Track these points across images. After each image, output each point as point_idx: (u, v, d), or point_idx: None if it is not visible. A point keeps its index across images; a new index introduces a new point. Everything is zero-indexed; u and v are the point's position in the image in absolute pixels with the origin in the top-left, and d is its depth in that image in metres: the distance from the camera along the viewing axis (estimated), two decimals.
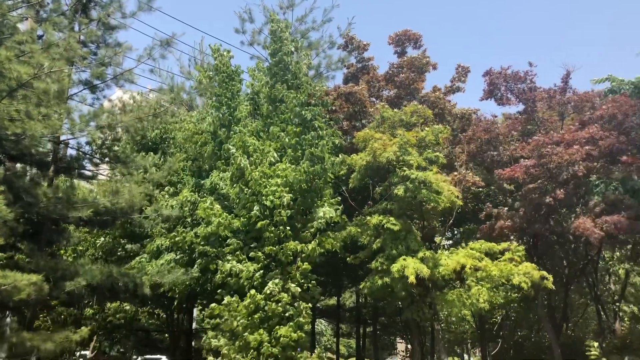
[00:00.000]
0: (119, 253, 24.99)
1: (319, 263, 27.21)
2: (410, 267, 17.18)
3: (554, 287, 18.17)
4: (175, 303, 24.05)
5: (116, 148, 19.62)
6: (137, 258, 22.29)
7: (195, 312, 31.64)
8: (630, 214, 18.01)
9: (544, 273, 17.86)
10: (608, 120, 20.22)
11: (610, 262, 29.22)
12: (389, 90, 23.86)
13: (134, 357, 33.60)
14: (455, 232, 25.89)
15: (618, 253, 27.99)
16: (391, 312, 28.56)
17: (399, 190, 17.72)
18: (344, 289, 34.00)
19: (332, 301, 37.90)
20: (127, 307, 28.94)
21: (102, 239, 25.07)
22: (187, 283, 20.17)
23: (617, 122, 20.04)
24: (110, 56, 18.12)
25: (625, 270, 28.29)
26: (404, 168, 17.87)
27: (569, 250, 22.08)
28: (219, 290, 19.50)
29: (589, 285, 25.98)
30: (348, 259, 19.78)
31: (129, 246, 24.91)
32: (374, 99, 24.02)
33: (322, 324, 61.77)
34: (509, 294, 25.57)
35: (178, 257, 20.87)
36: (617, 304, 27.64)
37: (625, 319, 29.79)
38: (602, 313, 26.39)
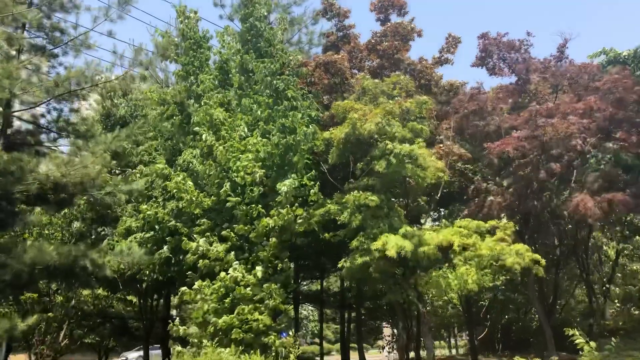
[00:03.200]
0: (92, 237, 23.92)
1: (299, 245, 26.05)
2: (392, 242, 15.83)
3: (544, 274, 16.88)
4: (144, 287, 22.67)
5: (74, 120, 18.03)
6: (106, 240, 21.04)
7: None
8: (632, 191, 16.72)
9: (537, 256, 16.58)
10: (607, 92, 18.88)
11: (600, 243, 28.20)
12: (371, 61, 22.31)
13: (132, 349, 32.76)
14: (442, 211, 24.53)
15: (608, 233, 26.92)
16: (376, 296, 27.25)
17: (380, 166, 16.29)
18: (327, 273, 32.70)
19: (317, 285, 36.75)
20: (100, 293, 27.65)
21: (76, 223, 23.79)
22: (154, 264, 18.91)
23: (615, 96, 18.70)
24: (65, 19, 16.51)
25: (615, 251, 27.26)
26: (387, 141, 16.41)
27: (561, 229, 20.80)
28: (188, 273, 18.19)
29: (579, 266, 24.83)
30: (326, 235, 18.32)
31: (101, 230, 23.75)
32: (356, 71, 22.46)
33: (308, 309, 60.67)
34: (496, 275, 24.46)
35: (149, 235, 19.25)
36: (607, 285, 26.66)
37: (616, 300, 28.85)
38: (592, 295, 25.33)
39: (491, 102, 20.10)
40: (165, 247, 18.76)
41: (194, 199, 17.84)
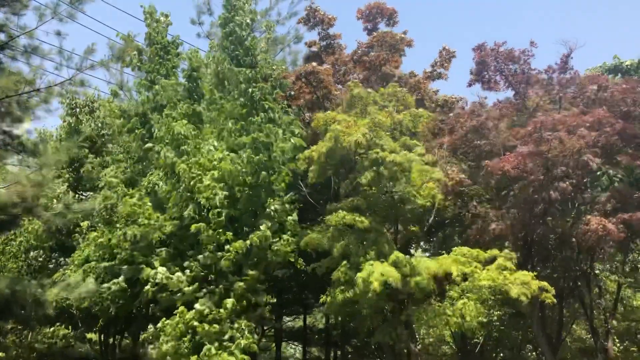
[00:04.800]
0: (50, 267, 22.01)
1: (280, 278, 23.82)
2: (377, 272, 13.71)
3: (555, 300, 14.81)
4: (102, 323, 20.37)
5: (17, 132, 16.01)
6: (61, 270, 18.99)
7: None
8: None
9: (544, 284, 14.53)
10: (615, 105, 17.18)
11: (600, 275, 26.19)
12: (357, 74, 20.48)
13: None
14: (433, 240, 22.43)
15: (609, 265, 24.97)
16: (363, 334, 24.90)
17: (367, 177, 14.28)
18: (311, 309, 30.41)
19: (302, 322, 34.35)
20: (57, 331, 25.23)
21: (33, 252, 21.79)
22: (107, 297, 16.83)
23: (624, 109, 17.00)
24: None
25: (617, 283, 25.22)
26: (376, 150, 14.45)
27: (567, 258, 18.75)
28: (150, 307, 16.11)
29: (580, 300, 22.58)
30: (307, 268, 16.20)
31: (61, 259, 21.91)
32: (340, 86, 20.64)
33: (294, 348, 57.75)
34: (493, 309, 22.29)
35: (105, 265, 17.19)
36: (609, 320, 24.53)
37: (616, 338, 26.72)
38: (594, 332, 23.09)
39: (493, 119, 18.25)
40: (120, 278, 16.56)
41: (153, 222, 15.69)
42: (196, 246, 15.96)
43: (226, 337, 14.60)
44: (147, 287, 15.52)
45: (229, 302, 14.83)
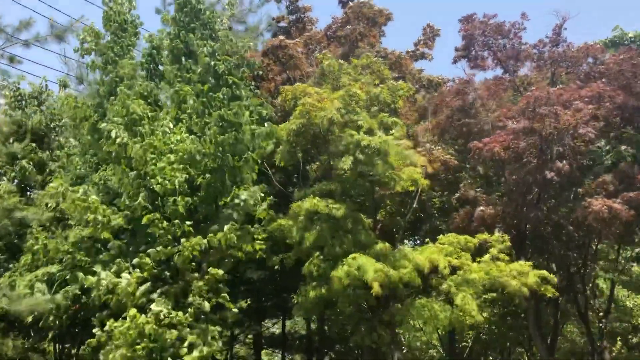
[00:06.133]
0: None
1: (257, 280, 22.13)
2: (370, 269, 12.05)
3: (557, 293, 13.27)
4: (53, 333, 18.49)
5: None
6: (7, 274, 16.92)
7: None
8: None
9: (545, 273, 12.98)
10: (614, 78, 15.74)
11: (595, 273, 24.80)
12: (331, 53, 18.74)
13: None
14: (420, 233, 20.80)
15: (602, 262, 23.54)
16: (346, 339, 23.19)
17: (345, 163, 12.61)
18: (289, 312, 28.62)
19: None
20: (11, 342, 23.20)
21: None
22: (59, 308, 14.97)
23: (624, 82, 15.58)
24: None
25: (610, 281, 23.80)
26: (352, 132, 12.80)
27: (565, 248, 17.22)
28: (97, 315, 14.29)
29: (574, 298, 20.99)
30: (274, 260, 14.48)
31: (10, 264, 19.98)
32: (314, 68, 18.94)
33: (274, 355, 55.81)
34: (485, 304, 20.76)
35: (55, 270, 15.33)
36: (604, 320, 23.07)
37: (612, 338, 25.40)
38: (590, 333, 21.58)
39: (481, 98, 16.71)
40: (71, 286, 14.72)
41: (100, 218, 13.85)
42: (152, 242, 14.20)
43: (185, 343, 12.85)
44: (94, 292, 13.81)
45: (197, 301, 13.19)
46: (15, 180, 19.99)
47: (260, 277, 25.48)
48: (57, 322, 16.80)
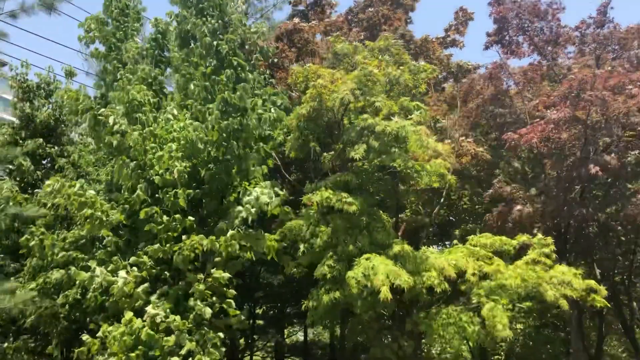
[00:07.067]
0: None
1: (275, 286, 21.10)
2: (381, 272, 10.65)
3: (608, 304, 11.61)
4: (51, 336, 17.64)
5: None
6: (12, 279, 16.19)
7: None
8: None
9: (592, 283, 11.34)
10: None
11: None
12: (353, 38, 17.41)
13: None
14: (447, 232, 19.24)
15: None
16: (367, 348, 21.69)
17: (357, 152, 11.25)
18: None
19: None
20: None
21: None
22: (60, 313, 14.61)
23: None
24: None
25: None
26: (364, 116, 11.45)
27: (613, 251, 15.46)
28: (94, 317, 13.32)
29: (617, 310, 19.00)
30: (288, 265, 13.20)
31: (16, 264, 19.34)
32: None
33: None
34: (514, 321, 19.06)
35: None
36: None
37: None
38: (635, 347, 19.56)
39: (517, 84, 15.14)
40: (73, 290, 13.86)
41: (97, 214, 12.80)
42: (152, 239, 13.10)
43: (183, 351, 11.66)
44: (90, 292, 12.81)
45: (199, 306, 12.01)
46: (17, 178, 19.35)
47: (280, 282, 24.34)
48: (57, 326, 16.19)
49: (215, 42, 13.54)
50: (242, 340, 23.28)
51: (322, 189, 11.61)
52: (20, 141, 19.93)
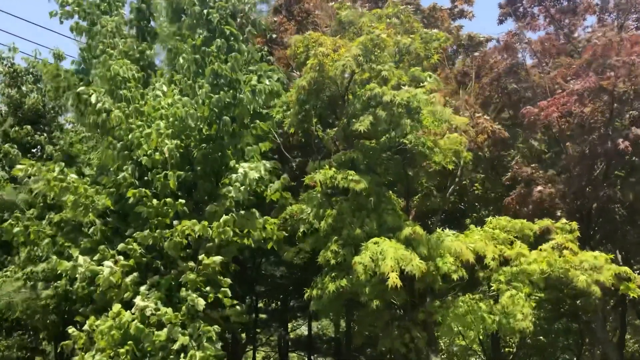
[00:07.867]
0: None
1: (278, 277, 20.28)
2: (390, 257, 9.63)
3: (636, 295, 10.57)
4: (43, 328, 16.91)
5: None
6: (1, 273, 15.71)
7: None
8: None
9: (625, 269, 10.32)
10: None
11: None
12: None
13: None
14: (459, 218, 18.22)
15: None
16: (375, 340, 20.73)
17: (363, 124, 10.20)
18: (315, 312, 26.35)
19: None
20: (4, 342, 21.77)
21: None
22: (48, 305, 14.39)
23: None
24: None
25: None
26: (371, 86, 10.39)
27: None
28: (81, 309, 12.62)
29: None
30: (288, 253, 12.22)
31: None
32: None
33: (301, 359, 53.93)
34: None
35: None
36: None
37: None
38: None
39: (535, 54, 14.09)
40: (62, 281, 13.26)
41: (81, 200, 11.81)
42: (142, 225, 12.11)
43: (175, 346, 10.70)
44: (76, 283, 11.90)
45: (192, 297, 11.05)
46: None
47: (283, 273, 23.43)
48: (46, 320, 15.43)
49: (205, 11, 12.49)
50: (243, 335, 22.37)
51: (325, 167, 10.58)
52: (9, 128, 19.14)
